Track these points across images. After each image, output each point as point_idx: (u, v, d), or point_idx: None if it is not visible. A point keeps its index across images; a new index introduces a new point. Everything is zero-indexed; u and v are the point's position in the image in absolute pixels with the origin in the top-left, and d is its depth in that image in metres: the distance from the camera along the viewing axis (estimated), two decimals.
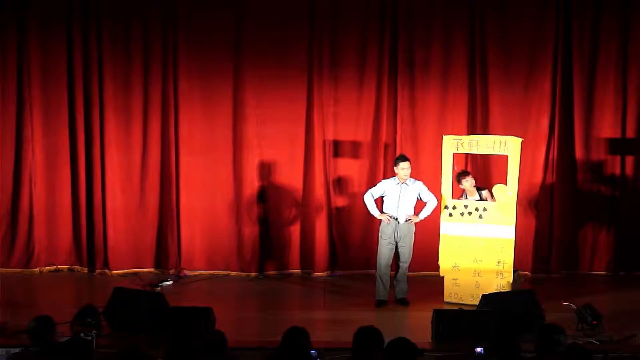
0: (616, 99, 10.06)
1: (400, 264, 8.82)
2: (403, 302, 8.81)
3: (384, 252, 8.75)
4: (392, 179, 8.87)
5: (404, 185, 8.74)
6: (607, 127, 10.11)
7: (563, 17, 9.95)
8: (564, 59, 9.99)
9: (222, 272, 10.21)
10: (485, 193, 8.88)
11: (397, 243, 8.74)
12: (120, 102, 10.07)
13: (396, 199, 8.72)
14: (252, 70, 10.05)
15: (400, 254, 8.78)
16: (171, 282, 9.78)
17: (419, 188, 8.79)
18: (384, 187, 8.88)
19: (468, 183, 8.83)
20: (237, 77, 10.08)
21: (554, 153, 10.11)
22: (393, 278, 8.87)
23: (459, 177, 8.89)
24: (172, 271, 10.16)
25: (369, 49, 10.06)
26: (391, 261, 8.79)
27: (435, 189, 8.88)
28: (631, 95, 10.05)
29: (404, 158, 8.81)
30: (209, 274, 10.20)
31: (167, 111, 10.11)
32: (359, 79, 10.10)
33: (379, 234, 8.82)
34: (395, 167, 8.80)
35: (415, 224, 8.78)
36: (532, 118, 10.08)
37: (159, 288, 9.39)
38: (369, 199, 8.87)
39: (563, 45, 9.98)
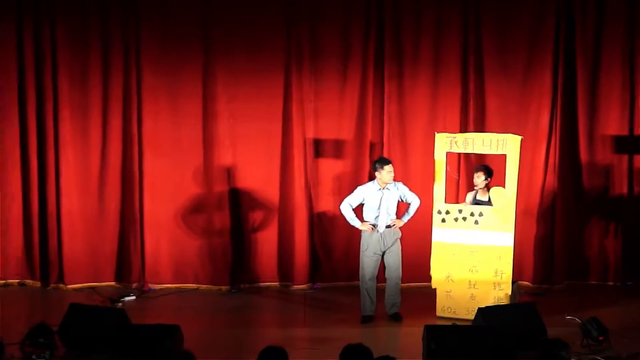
0: (623, 93, 9.95)
1: (391, 276, 8.60)
2: (396, 318, 8.62)
3: (369, 264, 8.54)
4: (371, 183, 8.70)
5: (385, 190, 8.53)
6: (613, 124, 10.01)
7: (565, 4, 9.87)
8: (566, 50, 9.87)
9: (190, 286, 10.08)
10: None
11: (383, 253, 8.55)
12: (76, 98, 9.91)
13: (377, 206, 8.51)
14: (223, 62, 9.92)
15: (390, 263, 8.56)
16: (134, 297, 9.65)
17: (401, 190, 8.64)
18: (362, 194, 8.64)
19: (480, 180, 8.71)
20: (206, 69, 9.94)
21: (555, 152, 9.97)
22: (384, 292, 8.67)
23: (474, 169, 8.95)
24: (134, 285, 10.04)
25: (352, 37, 9.94)
26: (377, 272, 8.62)
27: (427, 191, 8.76)
28: (639, 88, 9.95)
29: (387, 161, 8.63)
30: (176, 287, 10.07)
31: (129, 107, 9.95)
32: (341, 71, 9.97)
33: (361, 245, 8.62)
34: (376, 172, 8.60)
35: (401, 228, 8.61)
36: (531, 114, 9.96)
37: (120, 304, 9.29)
38: (346, 209, 8.65)
39: (565, 34, 9.87)
